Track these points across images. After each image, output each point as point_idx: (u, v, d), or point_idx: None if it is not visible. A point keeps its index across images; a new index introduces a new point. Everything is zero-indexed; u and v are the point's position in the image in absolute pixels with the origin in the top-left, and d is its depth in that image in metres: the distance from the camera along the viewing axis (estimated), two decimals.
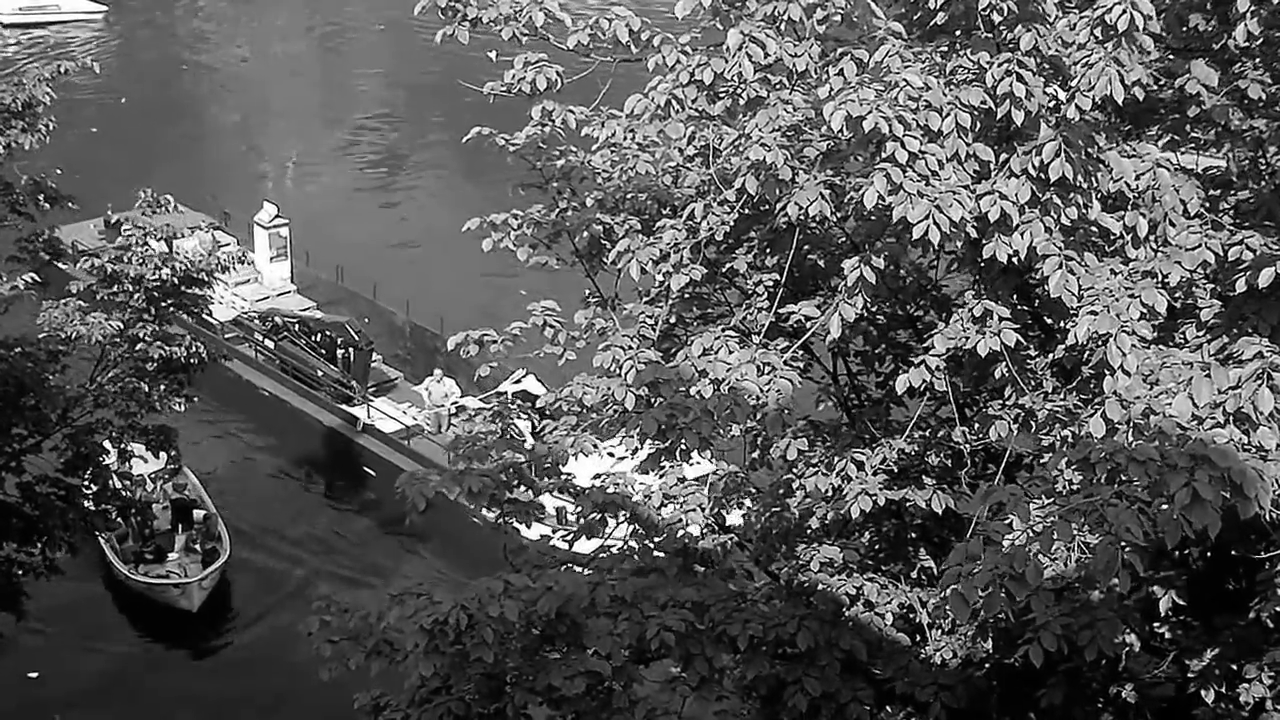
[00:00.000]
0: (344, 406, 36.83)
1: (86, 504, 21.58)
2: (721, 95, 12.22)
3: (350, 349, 37.60)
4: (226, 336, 39.09)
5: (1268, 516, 8.97)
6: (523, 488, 12.91)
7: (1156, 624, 12.38)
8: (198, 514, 34.22)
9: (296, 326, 39.11)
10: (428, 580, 20.22)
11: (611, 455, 13.57)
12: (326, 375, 37.55)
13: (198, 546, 33.40)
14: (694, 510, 13.21)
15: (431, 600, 11.16)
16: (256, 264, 42.76)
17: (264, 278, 43.04)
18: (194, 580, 31.88)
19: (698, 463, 12.14)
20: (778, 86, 11.97)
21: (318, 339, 38.42)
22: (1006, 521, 8.83)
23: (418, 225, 48.22)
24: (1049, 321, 12.19)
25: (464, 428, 13.58)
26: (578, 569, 12.88)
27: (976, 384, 12.87)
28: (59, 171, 22.24)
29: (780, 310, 12.32)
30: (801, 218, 11.52)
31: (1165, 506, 8.72)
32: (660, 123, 12.27)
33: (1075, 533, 8.98)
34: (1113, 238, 11.59)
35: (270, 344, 38.99)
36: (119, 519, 24.38)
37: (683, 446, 11.17)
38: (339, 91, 65.69)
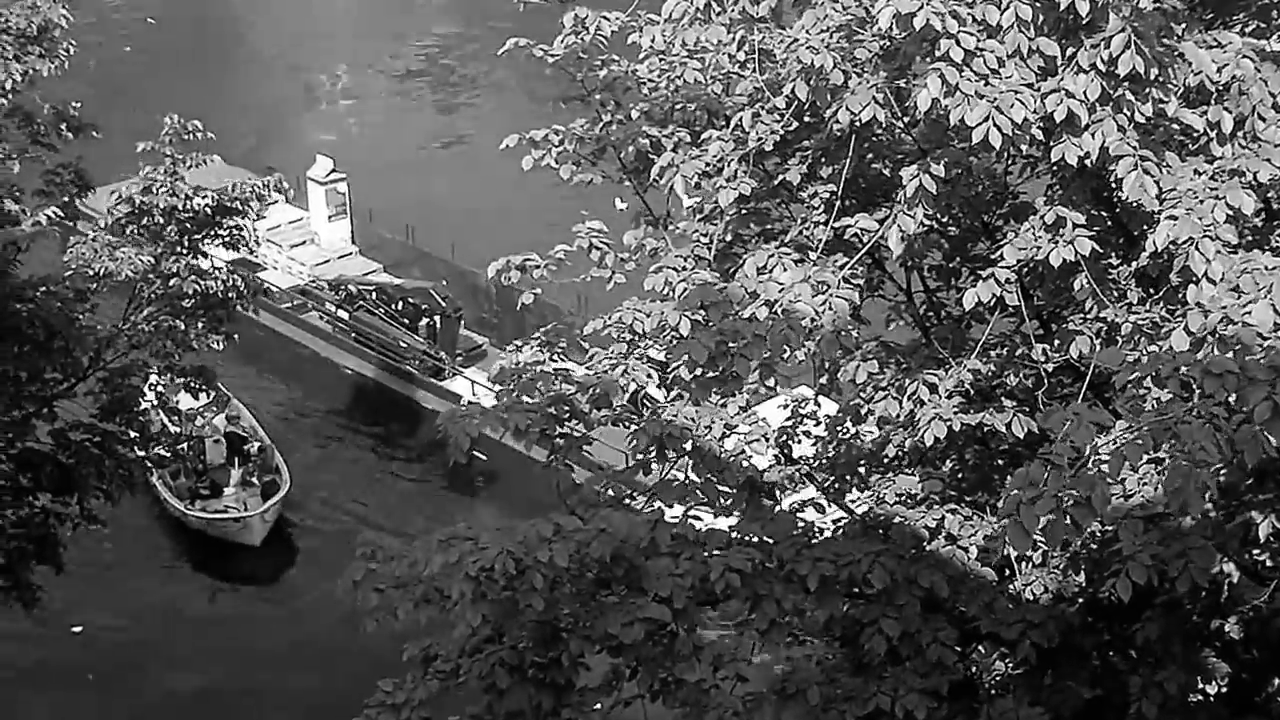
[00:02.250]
0: (434, 380, 36.60)
1: (125, 451, 22.24)
2: None
3: (436, 316, 37.34)
4: (287, 306, 39.27)
5: None
6: (574, 421, 13.29)
7: (1257, 551, 12.57)
8: (252, 447, 35.18)
9: (374, 295, 38.82)
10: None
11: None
12: (412, 347, 37.33)
13: (255, 479, 34.43)
14: (758, 441, 13.52)
15: (478, 546, 11.56)
16: (313, 223, 42.38)
17: (321, 239, 42.43)
18: (255, 513, 32.83)
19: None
20: None
21: (399, 307, 38.10)
22: (1072, 444, 9.05)
23: (487, 164, 48.35)
24: (1130, 228, 12.32)
25: (510, 359, 13.96)
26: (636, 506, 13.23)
27: (1057, 297, 13.05)
28: (77, 105, 22.69)
29: (837, 224, 12.54)
30: (857, 124, 11.72)
31: (1245, 423, 8.94)
32: (701, 27, 12.48)
33: (1151, 454, 9.21)
34: (1195, 135, 11.68)
35: (345, 315, 38.77)
36: (169, 455, 25.15)
37: (735, 373, 11.42)
38: (386, 4, 65.90)
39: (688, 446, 13.32)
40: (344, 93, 57.76)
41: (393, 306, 38.27)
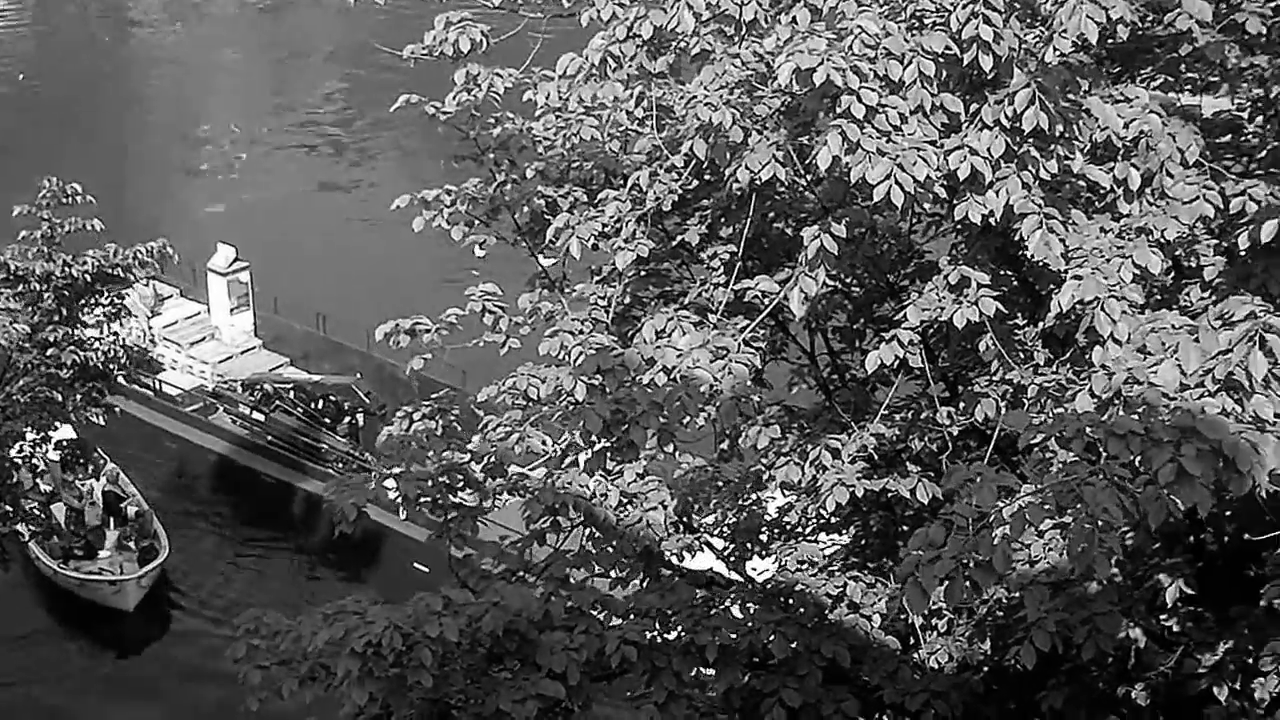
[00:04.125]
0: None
1: None
2: (663, 50, 12.36)
3: (359, 414, 36.25)
4: (192, 409, 38.36)
5: (1263, 493, 9.13)
6: (468, 490, 13.10)
7: (1164, 616, 12.56)
8: (130, 510, 34.65)
9: (292, 393, 37.86)
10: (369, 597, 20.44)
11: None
12: (333, 448, 36.22)
13: (132, 544, 33.89)
14: (656, 509, 13.37)
15: (364, 620, 11.33)
16: (213, 318, 41.27)
17: (223, 334, 41.10)
18: (131, 578, 32.25)
19: None
20: (726, 38, 12.12)
21: (319, 406, 37.13)
22: (975, 505, 8.97)
23: (396, 238, 47.82)
24: (1036, 287, 12.34)
25: (399, 426, 13.72)
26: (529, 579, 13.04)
27: (962, 359, 13.04)
28: None
29: (737, 286, 12.46)
30: (757, 183, 11.66)
31: (1150, 484, 8.90)
32: (596, 84, 12.41)
33: (1056, 518, 9.15)
34: (1102, 192, 11.73)
35: (260, 416, 37.55)
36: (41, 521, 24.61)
37: (632, 441, 11.32)
38: (283, 69, 65.65)
39: (583, 515, 13.20)
40: (233, 160, 57.18)
41: (312, 405, 37.15)
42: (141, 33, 69.75)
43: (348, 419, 36.62)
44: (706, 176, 13.01)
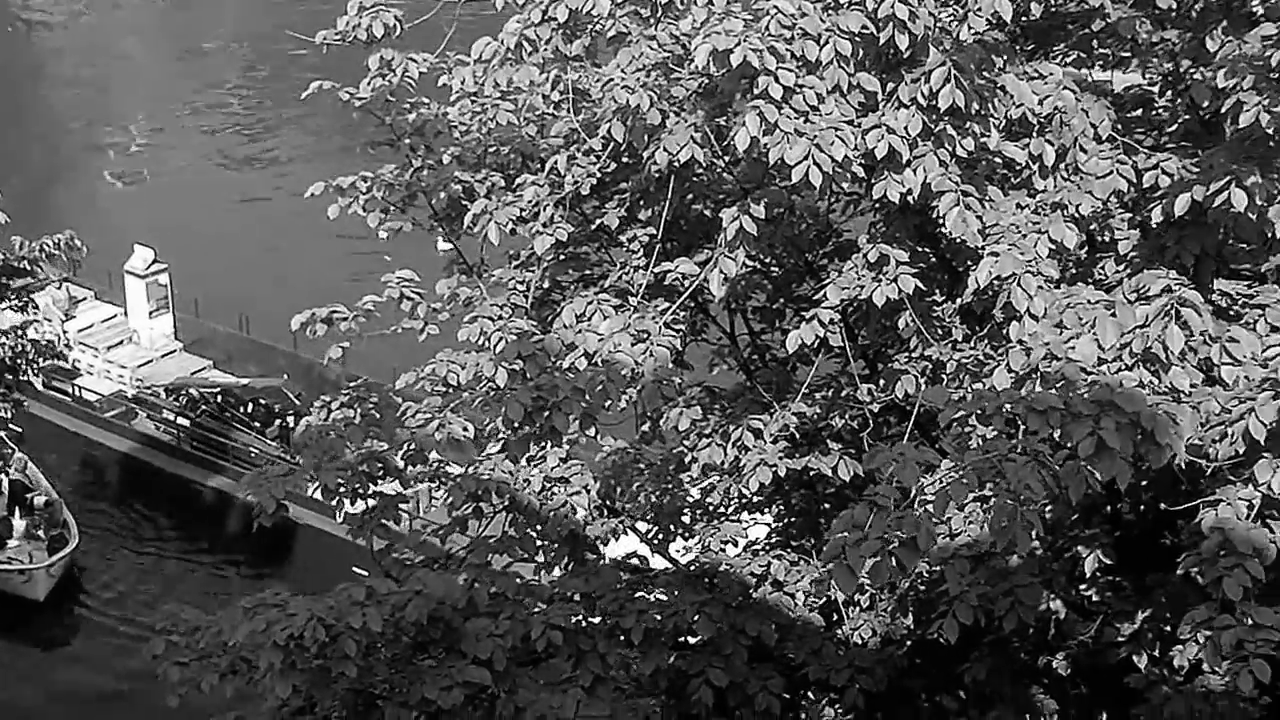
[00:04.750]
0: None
1: None
2: (579, 33, 12.30)
3: (290, 417, 35.66)
4: (112, 414, 37.70)
5: (1181, 464, 9.23)
6: (388, 478, 12.99)
7: (1083, 586, 12.70)
8: (38, 500, 34.18)
9: (219, 397, 37.33)
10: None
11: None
12: (264, 452, 35.32)
13: (41, 533, 33.45)
14: (579, 493, 13.34)
15: (286, 613, 11.21)
16: (131, 321, 40.49)
17: (142, 337, 40.30)
18: (40, 566, 31.84)
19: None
20: (642, 21, 12.08)
21: (248, 409, 36.49)
22: (898, 484, 9.00)
23: (315, 227, 47.05)
24: (954, 264, 12.40)
25: (318, 417, 13.59)
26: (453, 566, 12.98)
27: (882, 336, 13.09)
28: None
29: (657, 268, 12.43)
30: (675, 165, 11.63)
31: (1070, 459, 8.98)
32: (512, 68, 12.33)
33: (977, 492, 9.21)
34: (1018, 168, 11.82)
35: (186, 422, 36.90)
36: None
37: (554, 427, 11.25)
38: (192, 59, 64.69)
39: (506, 501, 13.16)
40: (142, 152, 56.25)
41: (241, 409, 36.53)
42: (48, 23, 68.63)
43: (278, 421, 36.11)
44: (625, 159, 12.97)
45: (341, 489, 12.53)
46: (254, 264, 45.07)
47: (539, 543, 13.35)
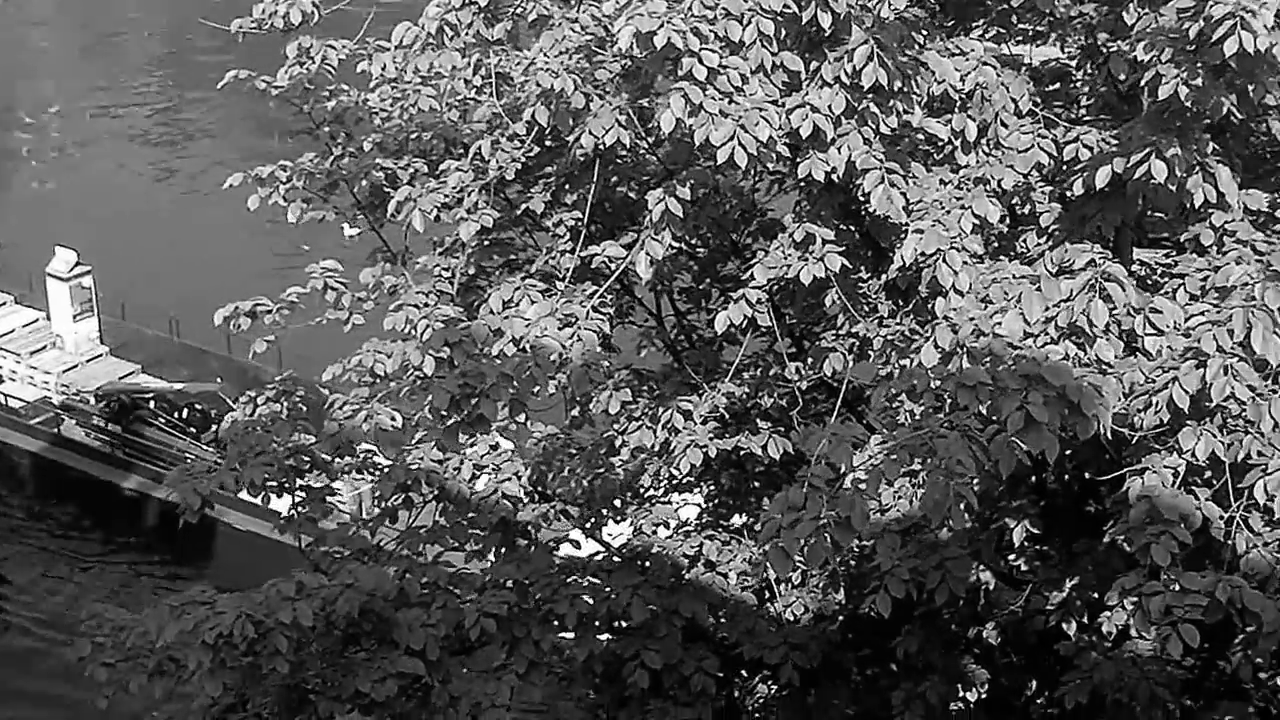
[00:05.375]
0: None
1: None
2: (500, 17, 12.22)
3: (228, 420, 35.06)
4: (37, 421, 37.01)
5: (1107, 434, 9.30)
6: (315, 472, 12.90)
7: (1012, 557, 12.80)
8: None
9: (153, 403, 36.73)
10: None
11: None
12: (200, 458, 34.64)
13: None
14: (510, 480, 13.29)
15: (214, 611, 11.12)
16: (55, 325, 39.68)
17: (66, 341, 38.99)
18: None
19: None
20: (564, 3, 12.02)
21: (184, 415, 36.06)
22: (830, 464, 9.02)
23: (237, 220, 46.36)
24: (879, 241, 12.43)
25: (243, 411, 13.45)
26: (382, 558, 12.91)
27: (808, 315, 13.10)
28: None
29: (583, 252, 12.39)
30: (600, 148, 11.59)
31: (999, 433, 9.02)
32: (433, 53, 12.23)
33: (907, 469, 9.24)
34: (940, 144, 11.84)
35: (118, 429, 35.91)
36: None
37: (483, 415, 11.18)
38: (104, 48, 63.73)
39: (435, 490, 13.09)
40: (55, 147, 55.25)
41: (175, 415, 35.93)
42: None
43: (214, 427, 35.47)
44: (548, 143, 12.90)
45: (268, 483, 12.44)
46: (179, 262, 44.29)
47: (470, 531, 13.27)
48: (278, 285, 13.54)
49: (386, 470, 13.02)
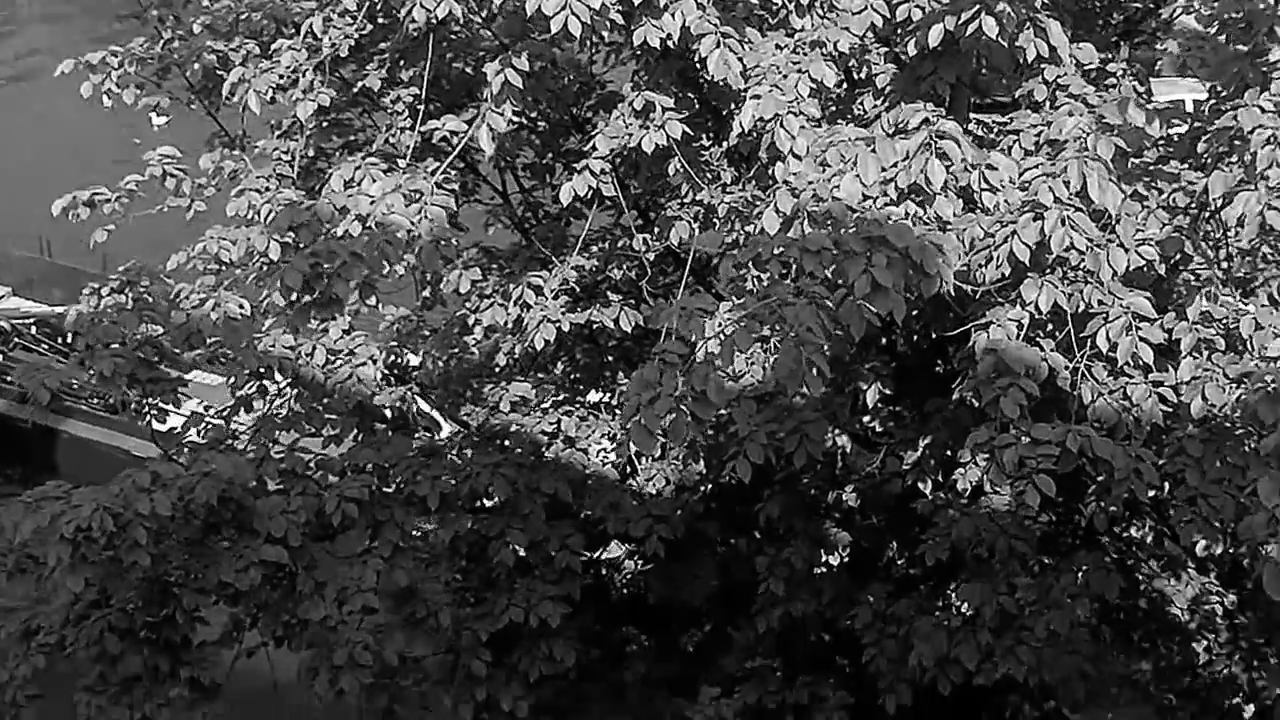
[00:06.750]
0: (111, 415, 33.18)
1: None
2: None
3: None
4: None
5: (951, 291, 9.40)
6: (165, 364, 12.67)
7: (866, 419, 12.97)
8: None
9: (34, 328, 35.44)
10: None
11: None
12: (85, 384, 33.58)
13: None
14: (365, 364, 13.16)
15: (71, 505, 10.92)
16: None
17: None
18: None
19: None
20: None
21: (67, 340, 34.65)
22: (680, 338, 9.01)
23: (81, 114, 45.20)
24: (719, 108, 12.39)
25: (88, 304, 13.12)
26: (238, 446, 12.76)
27: (653, 184, 13.06)
28: None
29: (423, 129, 12.21)
30: (433, 22, 11.37)
31: (847, 297, 9.06)
32: None
33: (759, 336, 9.26)
34: (775, 8, 11.78)
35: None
36: None
37: (335, 295, 11.01)
38: None
39: (290, 377, 12.93)
40: None
41: (59, 340, 34.82)
42: None
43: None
44: (381, 19, 12.66)
45: (117, 375, 12.20)
46: (30, 169, 42.86)
47: (326, 416, 13.15)
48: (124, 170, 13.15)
49: (238, 358, 12.82)
